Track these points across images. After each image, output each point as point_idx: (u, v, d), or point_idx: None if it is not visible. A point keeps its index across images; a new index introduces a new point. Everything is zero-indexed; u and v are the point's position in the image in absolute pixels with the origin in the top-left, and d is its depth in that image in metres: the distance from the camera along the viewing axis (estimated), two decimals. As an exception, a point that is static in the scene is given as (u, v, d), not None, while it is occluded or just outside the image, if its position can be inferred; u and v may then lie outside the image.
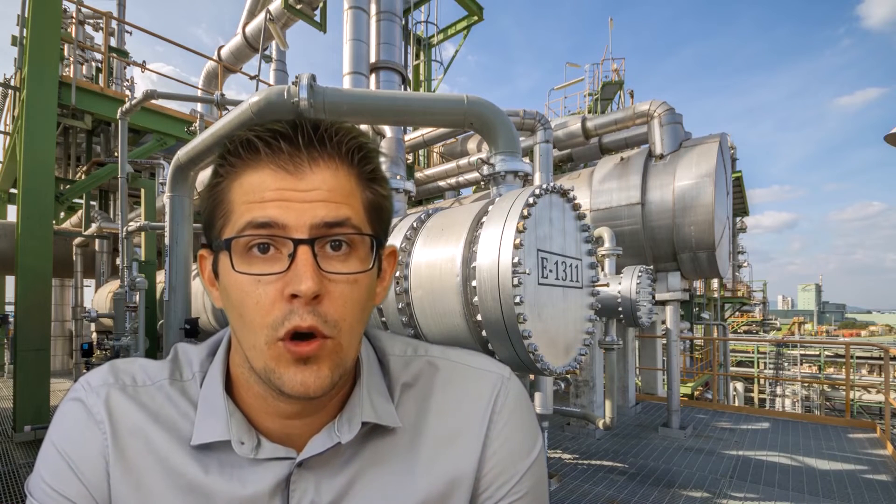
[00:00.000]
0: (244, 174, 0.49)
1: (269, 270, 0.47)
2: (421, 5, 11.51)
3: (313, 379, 0.48)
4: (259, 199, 0.48)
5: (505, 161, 3.45)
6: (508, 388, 0.61)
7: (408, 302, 3.17)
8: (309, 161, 0.49)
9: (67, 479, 0.53)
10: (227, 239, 0.49)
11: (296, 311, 0.46)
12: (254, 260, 0.48)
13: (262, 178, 0.48)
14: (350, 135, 0.51)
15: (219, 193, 0.51)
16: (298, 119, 0.50)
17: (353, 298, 0.49)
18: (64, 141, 10.35)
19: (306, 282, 0.45)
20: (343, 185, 0.50)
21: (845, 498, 4.22)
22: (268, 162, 0.49)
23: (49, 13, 6.15)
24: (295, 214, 0.47)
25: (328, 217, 0.48)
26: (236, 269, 0.48)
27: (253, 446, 0.53)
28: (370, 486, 0.55)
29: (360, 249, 0.51)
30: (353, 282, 0.50)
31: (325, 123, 0.50)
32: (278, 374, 0.48)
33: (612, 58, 15.71)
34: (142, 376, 0.58)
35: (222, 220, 0.51)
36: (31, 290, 5.94)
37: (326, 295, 0.48)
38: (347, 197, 0.50)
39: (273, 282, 0.47)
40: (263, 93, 3.18)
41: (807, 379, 20.38)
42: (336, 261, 0.49)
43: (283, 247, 0.48)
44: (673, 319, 6.32)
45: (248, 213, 0.48)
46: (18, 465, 5.00)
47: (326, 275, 0.48)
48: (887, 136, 3.87)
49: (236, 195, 0.49)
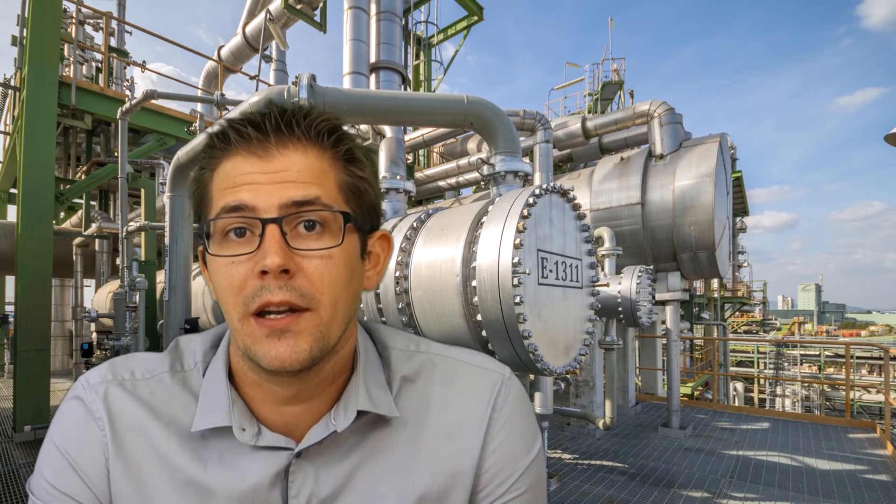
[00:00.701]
0: (220, 164, 0.51)
1: (243, 251, 0.49)
2: (421, 5, 11.51)
3: (289, 352, 0.48)
4: (231, 185, 0.50)
5: (505, 161, 3.45)
6: (509, 387, 0.61)
7: (408, 302, 3.17)
8: (277, 145, 0.50)
9: (69, 478, 0.53)
10: (203, 224, 0.51)
11: (267, 286, 0.47)
12: (230, 244, 0.50)
13: (235, 164, 0.50)
14: (321, 117, 0.52)
15: (202, 185, 0.53)
16: (268, 106, 0.51)
17: (329, 273, 0.50)
18: (64, 141, 10.34)
19: (271, 256, 0.47)
20: (313, 165, 0.51)
21: (845, 498, 4.22)
22: (238, 149, 0.50)
23: (49, 13, 6.15)
24: (263, 196, 0.49)
25: (296, 196, 0.49)
26: (211, 252, 0.50)
27: (254, 433, 0.54)
28: (370, 478, 0.55)
29: (334, 227, 0.51)
30: (328, 257, 0.50)
31: (294, 108, 0.51)
32: (254, 350, 0.49)
33: (612, 58, 15.74)
34: (141, 370, 0.58)
35: (205, 209, 0.52)
36: (31, 290, 5.94)
37: (300, 271, 0.49)
38: (317, 177, 0.51)
39: (245, 261, 0.49)
40: (263, 93, 3.18)
41: (807, 379, 20.38)
42: (310, 239, 0.50)
43: (255, 228, 0.49)
44: (673, 319, 6.32)
45: (222, 199, 0.50)
46: (18, 465, 5.00)
47: (298, 252, 0.49)
48: (887, 136, 3.87)
49: (214, 184, 0.52)
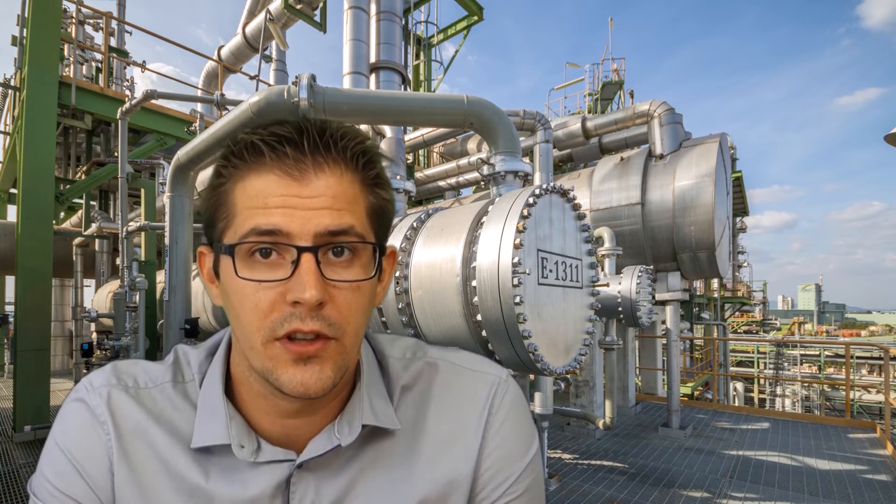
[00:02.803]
0: (248, 177, 0.49)
1: (272, 276, 0.47)
2: (421, 5, 11.50)
3: (315, 379, 0.48)
4: (263, 206, 0.47)
5: (505, 161, 3.45)
6: (505, 390, 0.61)
7: (408, 302, 3.17)
8: (314, 166, 0.48)
9: (72, 479, 0.53)
10: (231, 244, 0.49)
11: (297, 314, 0.46)
12: (256, 264, 0.48)
13: (267, 183, 0.48)
14: (356, 139, 0.50)
15: (221, 195, 0.50)
16: (304, 122, 0.49)
17: (356, 304, 0.50)
18: (64, 141, 10.35)
19: (310, 290, 0.45)
20: (347, 191, 0.49)
21: (845, 498, 4.22)
22: (272, 167, 0.48)
23: (49, 13, 6.16)
24: (299, 222, 0.47)
25: (332, 225, 0.48)
26: (239, 275, 0.48)
27: (253, 449, 0.53)
28: (370, 488, 0.55)
29: (363, 256, 0.51)
30: (357, 289, 0.50)
31: (332, 128, 0.50)
32: (276, 374, 0.48)
33: (612, 58, 15.71)
34: (144, 378, 0.58)
35: (224, 221, 0.50)
36: (31, 291, 5.94)
37: (330, 301, 0.48)
38: (351, 203, 0.50)
39: (274, 287, 0.47)
40: (263, 93, 3.18)
41: (807, 379, 20.38)
42: (339, 267, 0.49)
43: (286, 253, 0.48)
44: (673, 319, 6.32)
45: (251, 219, 0.48)
46: (18, 466, 5.00)
47: (330, 282, 0.48)
48: (887, 136, 3.87)
49: (239, 199, 0.49)
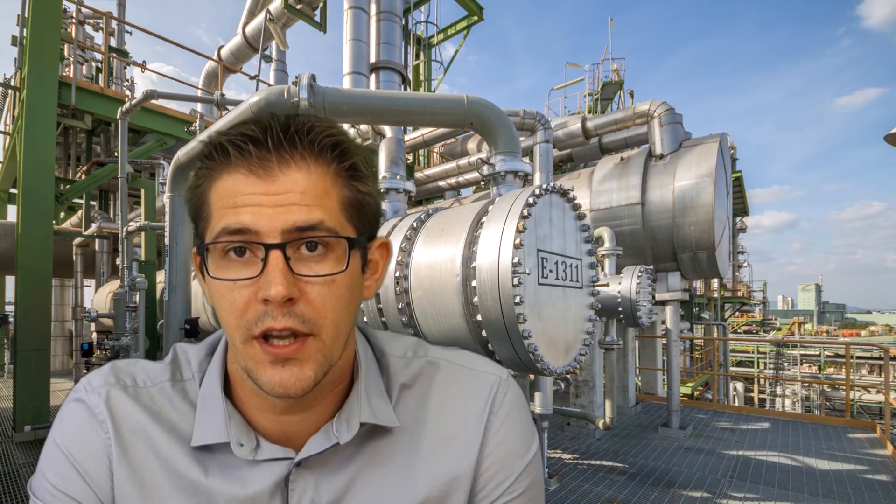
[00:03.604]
0: (219, 178, 0.49)
1: (244, 275, 0.48)
2: (421, 5, 11.50)
3: (294, 380, 0.48)
4: (232, 205, 0.48)
5: (505, 161, 3.45)
6: (505, 389, 0.61)
7: (408, 302, 3.18)
8: (279, 163, 0.48)
9: (72, 479, 0.53)
10: (203, 245, 0.50)
11: (269, 312, 0.47)
12: (231, 263, 0.49)
13: (235, 183, 0.48)
14: (324, 132, 0.50)
15: (200, 195, 0.51)
16: (269, 120, 0.49)
17: (332, 297, 0.49)
18: (64, 141, 10.35)
19: (276, 286, 0.46)
20: (316, 185, 0.49)
21: (845, 498, 4.22)
22: (238, 166, 0.48)
23: (49, 13, 6.15)
24: (266, 220, 0.47)
25: (300, 221, 0.48)
26: (212, 274, 0.49)
27: (252, 448, 0.53)
28: (369, 486, 0.55)
29: (337, 249, 0.50)
30: (331, 282, 0.49)
31: (298, 122, 0.49)
32: (256, 374, 0.49)
33: (612, 58, 15.72)
34: (143, 377, 0.58)
35: (203, 223, 0.51)
36: (31, 291, 5.94)
37: (302, 297, 0.48)
38: (320, 198, 0.49)
39: (247, 286, 0.48)
40: (263, 93, 3.18)
41: (807, 379, 20.38)
42: (312, 262, 0.49)
43: (257, 250, 0.48)
44: (673, 319, 6.33)
45: (223, 219, 0.48)
46: (18, 466, 5.00)
47: (301, 277, 0.48)
48: (887, 136, 3.87)
49: (213, 199, 0.50)
